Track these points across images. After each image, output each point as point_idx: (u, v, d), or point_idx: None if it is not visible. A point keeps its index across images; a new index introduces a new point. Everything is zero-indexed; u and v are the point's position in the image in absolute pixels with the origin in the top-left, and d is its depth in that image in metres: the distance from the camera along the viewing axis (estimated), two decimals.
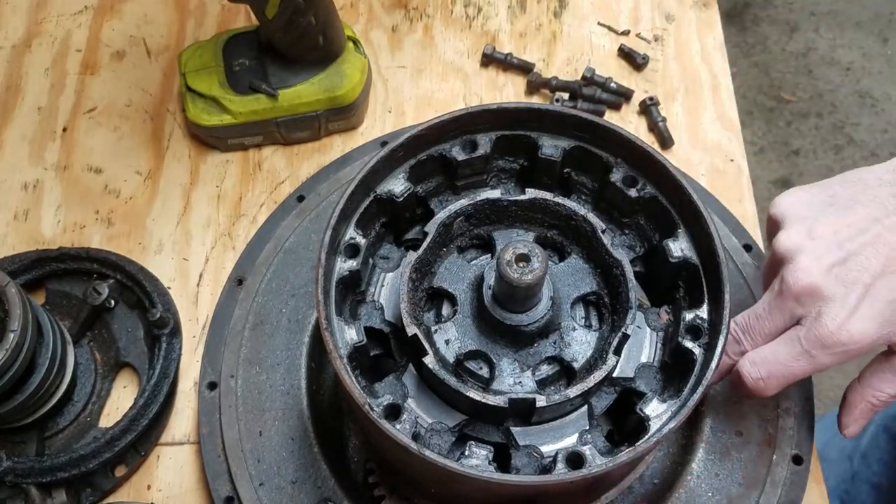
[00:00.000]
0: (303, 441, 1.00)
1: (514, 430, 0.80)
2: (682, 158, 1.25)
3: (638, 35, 1.36)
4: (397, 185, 0.87)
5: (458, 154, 0.88)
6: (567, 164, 0.91)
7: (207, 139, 1.24)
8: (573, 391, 0.77)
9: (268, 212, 1.19)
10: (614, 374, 0.82)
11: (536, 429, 0.81)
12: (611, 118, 1.28)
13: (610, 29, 1.36)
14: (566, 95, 1.29)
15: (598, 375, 0.77)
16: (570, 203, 0.86)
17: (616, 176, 0.87)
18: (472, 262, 0.88)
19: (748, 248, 1.12)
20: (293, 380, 1.04)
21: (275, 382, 1.04)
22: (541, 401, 0.76)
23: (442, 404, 0.81)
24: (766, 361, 0.84)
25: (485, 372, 0.82)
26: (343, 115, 1.23)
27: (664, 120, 1.26)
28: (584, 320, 0.86)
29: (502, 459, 0.78)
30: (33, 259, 1.11)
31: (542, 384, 0.81)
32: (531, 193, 0.87)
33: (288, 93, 1.18)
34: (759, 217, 1.21)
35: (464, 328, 0.83)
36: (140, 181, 1.23)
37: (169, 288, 1.14)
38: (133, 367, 1.09)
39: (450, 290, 0.85)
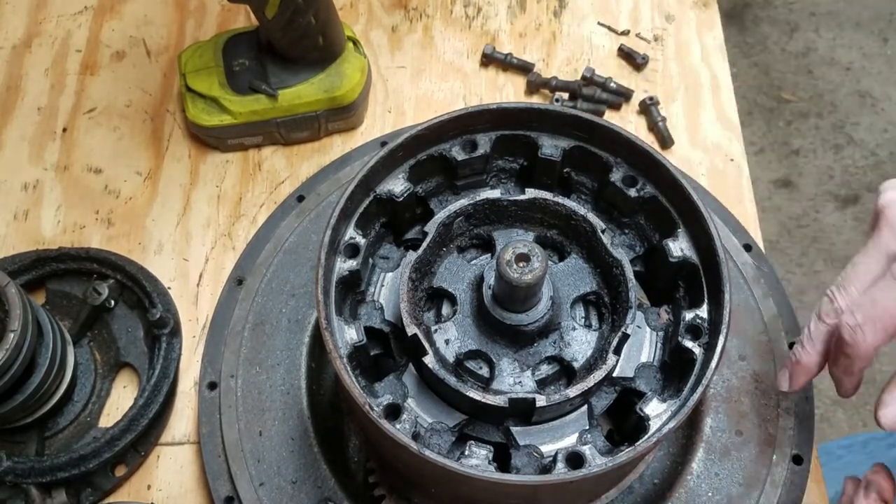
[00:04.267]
0: (303, 441, 1.00)
1: (514, 429, 0.80)
2: (682, 158, 1.25)
3: (638, 35, 1.36)
4: (397, 184, 0.87)
5: (458, 154, 0.89)
6: (567, 164, 0.91)
7: (207, 139, 1.24)
8: (573, 391, 0.77)
9: (268, 212, 1.19)
10: (614, 374, 0.82)
11: (536, 428, 0.81)
12: (611, 118, 1.28)
13: (610, 29, 1.37)
14: (566, 95, 1.29)
15: (597, 375, 0.77)
16: (570, 203, 0.86)
17: (616, 176, 0.87)
18: (472, 262, 0.88)
19: (748, 247, 1.12)
20: (293, 380, 1.04)
21: (275, 382, 1.04)
22: (541, 400, 0.76)
23: (442, 404, 0.81)
24: (861, 306, 0.78)
25: (485, 372, 0.82)
26: (343, 115, 1.23)
27: (664, 120, 1.26)
28: (583, 320, 0.86)
29: (502, 459, 0.78)
30: (33, 259, 1.11)
31: (542, 384, 0.81)
32: (531, 193, 0.87)
33: (288, 93, 1.18)
34: (760, 217, 1.21)
35: (464, 328, 0.83)
36: (140, 181, 1.23)
37: (169, 288, 1.14)
38: (133, 366, 1.09)
39: (450, 289, 0.85)
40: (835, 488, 0.96)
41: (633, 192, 0.87)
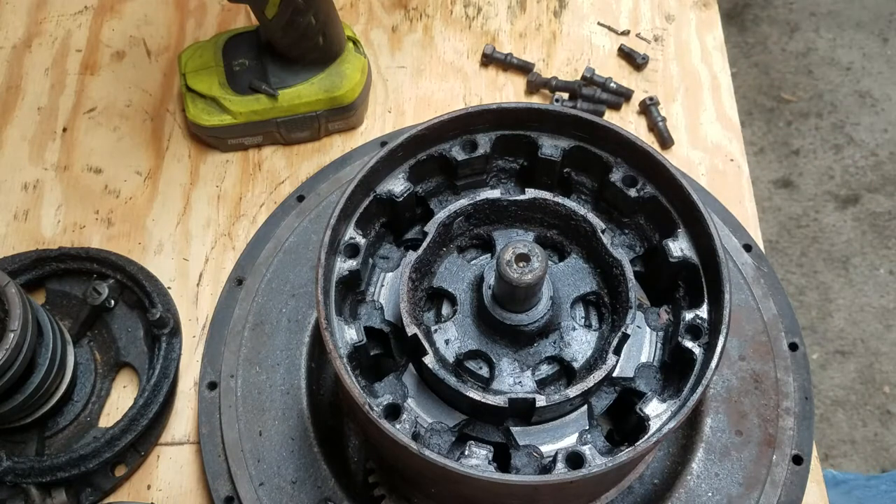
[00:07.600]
0: (303, 441, 1.00)
1: (514, 429, 0.80)
2: (682, 158, 1.25)
3: (638, 35, 1.36)
4: (397, 184, 0.87)
5: (458, 154, 0.88)
6: (567, 164, 0.91)
7: (207, 139, 1.24)
8: (573, 391, 0.77)
9: (268, 212, 1.19)
10: (614, 374, 0.82)
11: (536, 428, 0.81)
12: (611, 118, 1.28)
13: (610, 29, 1.37)
14: (566, 95, 1.29)
15: (597, 375, 0.77)
16: (570, 203, 0.86)
17: (616, 176, 0.87)
18: (472, 262, 0.88)
19: (748, 247, 1.12)
20: (293, 380, 1.04)
21: (275, 382, 1.04)
22: (541, 400, 0.76)
23: (442, 404, 0.81)
24: None
25: (485, 372, 0.82)
26: (343, 115, 1.23)
27: (664, 120, 1.26)
28: (583, 320, 0.86)
29: (502, 459, 0.78)
30: (33, 259, 1.11)
31: (542, 384, 0.81)
32: (531, 193, 0.87)
33: (288, 93, 1.18)
34: (760, 217, 1.21)
35: (464, 328, 0.83)
36: (140, 181, 1.23)
37: (169, 288, 1.14)
38: (133, 366, 1.09)
39: (450, 289, 0.85)
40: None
41: (633, 192, 0.87)
